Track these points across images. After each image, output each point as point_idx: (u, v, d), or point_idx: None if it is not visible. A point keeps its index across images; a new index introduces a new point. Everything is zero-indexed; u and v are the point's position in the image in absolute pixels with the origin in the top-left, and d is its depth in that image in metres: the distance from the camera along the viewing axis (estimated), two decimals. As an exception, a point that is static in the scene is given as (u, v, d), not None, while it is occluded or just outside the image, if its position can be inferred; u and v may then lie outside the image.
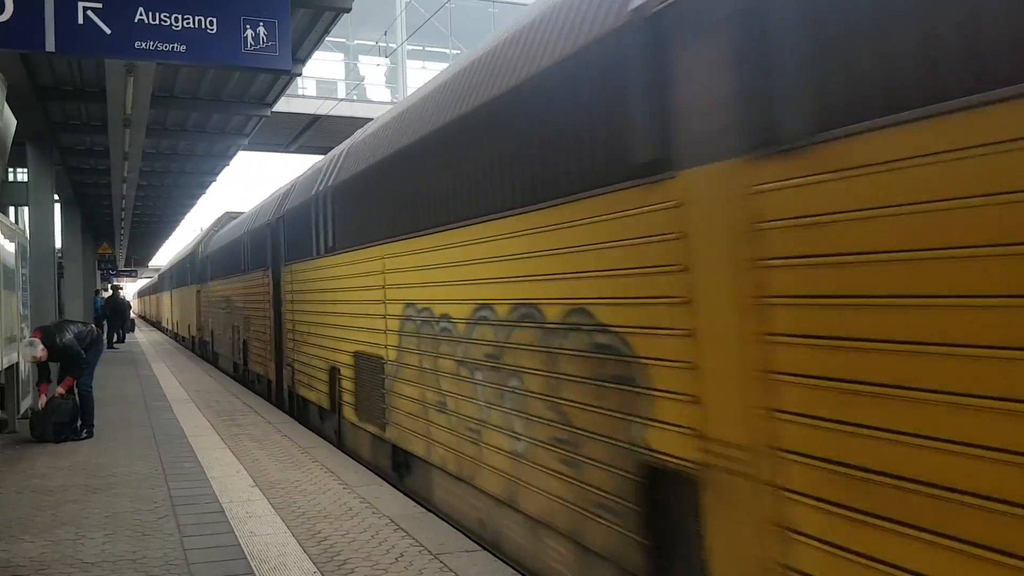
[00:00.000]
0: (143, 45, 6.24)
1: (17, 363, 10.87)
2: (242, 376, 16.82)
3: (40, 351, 9.61)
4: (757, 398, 3.19)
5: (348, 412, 8.94)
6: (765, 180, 3.15)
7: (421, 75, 28.87)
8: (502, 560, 5.30)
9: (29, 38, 6.12)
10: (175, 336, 34.13)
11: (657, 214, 3.79)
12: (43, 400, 9.94)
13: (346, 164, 9.05)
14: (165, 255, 69.78)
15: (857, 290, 2.76)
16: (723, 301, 3.36)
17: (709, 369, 3.45)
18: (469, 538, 5.73)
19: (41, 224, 15.69)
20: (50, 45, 6.14)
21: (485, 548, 5.54)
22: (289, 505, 6.65)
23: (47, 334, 9.79)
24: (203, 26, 6.36)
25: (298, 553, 5.40)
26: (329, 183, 9.45)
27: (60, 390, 9.94)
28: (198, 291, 23.64)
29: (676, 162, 3.68)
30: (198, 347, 24.87)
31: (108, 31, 6.16)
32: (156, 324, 51.11)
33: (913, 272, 2.56)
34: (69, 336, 9.86)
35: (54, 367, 10.21)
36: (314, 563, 5.20)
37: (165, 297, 40.48)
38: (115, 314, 29.40)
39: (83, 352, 10.00)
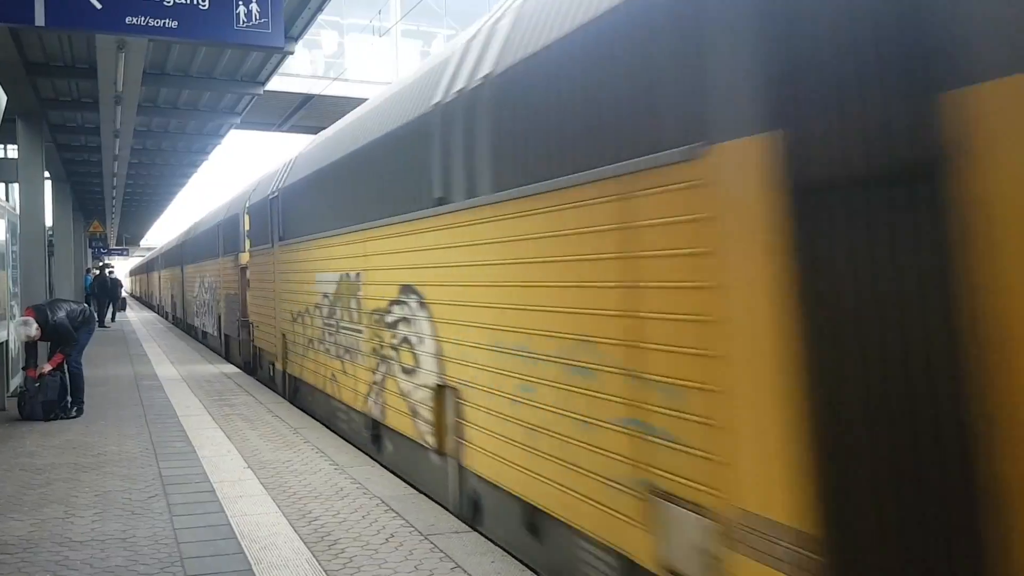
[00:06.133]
0: (134, 20, 6.17)
1: (6, 341, 10.82)
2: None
3: (34, 330, 9.58)
4: None
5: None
6: None
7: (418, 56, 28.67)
8: (491, 541, 5.31)
9: (19, 12, 6.05)
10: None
11: None
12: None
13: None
14: (157, 234, 69.55)
15: None
16: None
17: None
18: (459, 519, 5.74)
19: (31, 201, 15.59)
20: (40, 19, 6.07)
21: (475, 529, 5.55)
22: (280, 485, 6.64)
23: (40, 312, 9.75)
24: (195, 2, 6.28)
25: (288, 533, 5.40)
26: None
27: (49, 366, 9.90)
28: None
29: None
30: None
31: (99, 6, 6.08)
32: (141, 299, 62.49)
33: None
34: (62, 314, 9.83)
35: (42, 350, 10.17)
36: (304, 543, 5.20)
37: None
38: (103, 293, 29.24)
39: (75, 331, 9.99)
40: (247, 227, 14.17)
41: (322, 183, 8.88)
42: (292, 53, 13.33)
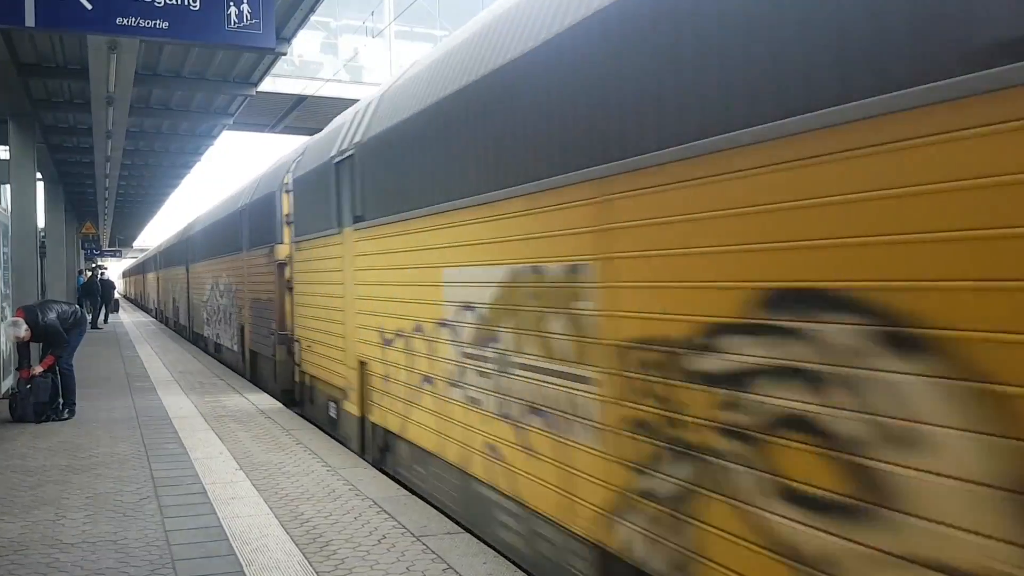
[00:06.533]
0: (124, 21, 6.15)
1: (-2, 343, 10.80)
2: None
3: (24, 331, 9.55)
4: None
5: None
6: None
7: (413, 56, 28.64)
8: (484, 542, 5.30)
9: (8, 13, 6.02)
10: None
11: None
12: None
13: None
14: (150, 235, 69.50)
15: None
16: None
17: None
18: (451, 520, 5.73)
19: (23, 203, 15.53)
20: (30, 20, 6.04)
21: (467, 530, 5.54)
22: (272, 487, 6.63)
23: (30, 313, 9.72)
24: (186, 3, 6.27)
25: (280, 535, 5.39)
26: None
27: (40, 368, 9.87)
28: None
29: None
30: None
31: (89, 6, 6.06)
32: (135, 302, 62.94)
33: None
34: (52, 316, 9.81)
35: (34, 352, 10.14)
36: (296, 544, 5.19)
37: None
38: (94, 294, 29.07)
39: (66, 332, 9.96)
40: (288, 209, 11.37)
41: (466, 112, 5.40)
42: (284, 54, 13.30)
